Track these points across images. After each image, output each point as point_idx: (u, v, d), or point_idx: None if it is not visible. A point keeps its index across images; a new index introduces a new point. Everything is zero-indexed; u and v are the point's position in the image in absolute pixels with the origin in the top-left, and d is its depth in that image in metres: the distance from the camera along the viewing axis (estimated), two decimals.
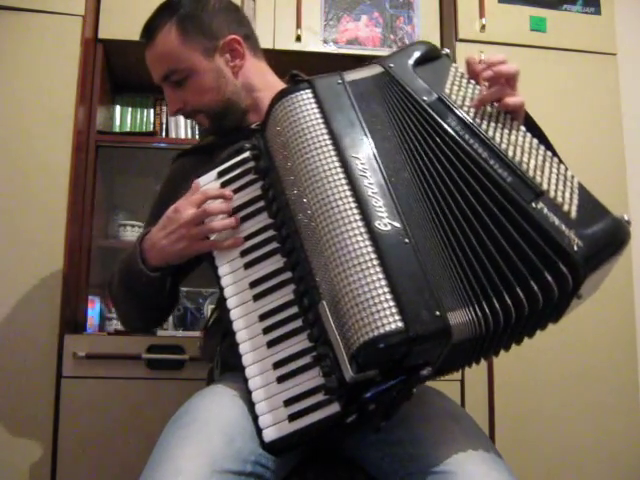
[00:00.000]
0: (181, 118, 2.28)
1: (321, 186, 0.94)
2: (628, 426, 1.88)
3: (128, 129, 2.28)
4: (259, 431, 0.97)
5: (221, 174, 1.13)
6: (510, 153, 0.97)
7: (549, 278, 0.87)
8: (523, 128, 1.00)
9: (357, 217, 0.91)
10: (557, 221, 0.90)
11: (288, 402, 0.97)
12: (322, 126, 0.98)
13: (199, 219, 1.08)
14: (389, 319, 0.84)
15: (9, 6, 1.82)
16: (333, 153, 0.96)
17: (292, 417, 0.96)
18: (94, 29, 1.95)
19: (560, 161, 0.98)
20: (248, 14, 2.00)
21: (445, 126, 0.98)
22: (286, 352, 0.99)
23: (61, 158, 1.78)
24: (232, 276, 1.07)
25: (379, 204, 0.92)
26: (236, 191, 1.10)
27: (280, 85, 1.33)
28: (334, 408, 0.94)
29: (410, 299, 0.86)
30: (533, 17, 2.06)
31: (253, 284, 1.05)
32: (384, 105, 1.02)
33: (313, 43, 2.05)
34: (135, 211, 2.25)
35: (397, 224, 0.91)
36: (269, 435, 0.97)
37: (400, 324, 0.84)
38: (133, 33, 1.97)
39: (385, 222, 0.91)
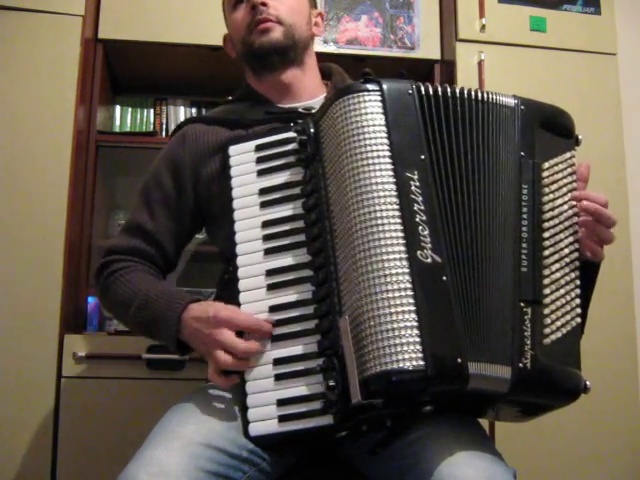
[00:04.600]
0: (181, 117, 2.27)
1: (369, 199, 0.90)
2: (628, 426, 1.88)
3: (128, 129, 2.27)
4: (246, 423, 0.97)
5: (260, 148, 1.09)
6: (546, 252, 0.96)
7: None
8: (578, 250, 0.99)
9: (400, 241, 0.88)
10: (528, 333, 0.91)
11: (281, 402, 0.96)
12: (383, 135, 0.93)
13: (231, 349, 0.98)
14: (411, 355, 0.83)
15: (9, 6, 1.81)
16: (389, 167, 0.91)
17: (282, 418, 0.95)
18: (94, 29, 1.95)
19: (584, 310, 0.99)
20: None
21: (520, 185, 0.97)
22: (290, 351, 0.98)
23: (61, 158, 1.77)
24: (249, 257, 1.04)
25: (425, 233, 0.89)
26: (271, 170, 1.07)
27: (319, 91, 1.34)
28: (327, 420, 0.93)
29: (435, 340, 0.85)
30: (533, 17, 2.06)
31: (270, 272, 1.01)
32: (465, 129, 0.98)
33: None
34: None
35: (438, 258, 0.88)
36: (255, 429, 0.96)
37: (420, 362, 0.83)
38: (133, 33, 2.00)
39: (427, 254, 0.88)
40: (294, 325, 0.98)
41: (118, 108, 2.29)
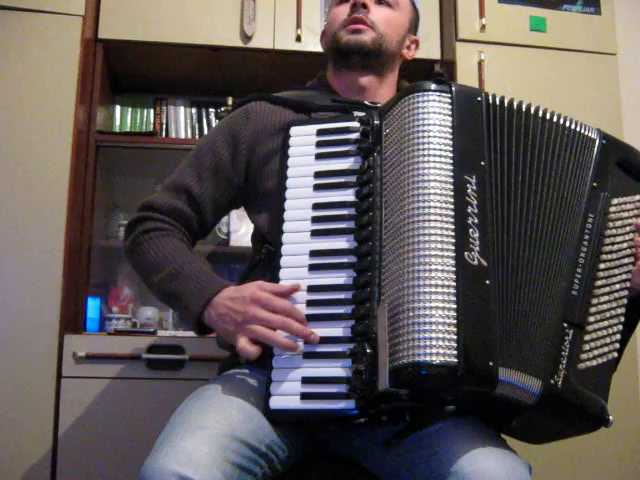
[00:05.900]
0: (181, 117, 2.28)
1: (426, 194, 0.92)
2: (628, 426, 1.88)
3: (128, 129, 2.28)
4: (268, 396, 0.97)
5: (321, 132, 1.10)
6: (598, 282, 0.99)
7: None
8: (628, 289, 1.02)
9: (450, 240, 0.90)
10: (565, 353, 0.93)
11: (306, 380, 0.96)
12: (448, 135, 0.96)
13: (269, 323, 0.99)
14: (445, 351, 0.85)
15: (9, 6, 1.82)
16: (449, 167, 0.94)
17: (304, 396, 0.96)
18: (94, 29, 1.95)
19: (621, 347, 1.01)
20: (248, 14, 2.00)
21: (586, 212, 1.01)
22: (322, 332, 0.98)
23: (61, 158, 1.78)
24: (295, 236, 1.05)
25: (475, 235, 0.91)
26: (329, 155, 1.08)
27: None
28: (349, 405, 0.93)
29: (470, 339, 0.86)
30: (533, 17, 2.06)
31: (314, 253, 1.03)
32: (532, 147, 1.01)
33: (313, 43, 2.04)
34: (135, 211, 2.24)
35: (484, 262, 0.90)
36: (275, 403, 0.97)
37: (453, 359, 0.85)
38: (133, 33, 2.01)
39: (474, 256, 0.90)
40: (330, 307, 0.99)
41: (118, 108, 2.30)
